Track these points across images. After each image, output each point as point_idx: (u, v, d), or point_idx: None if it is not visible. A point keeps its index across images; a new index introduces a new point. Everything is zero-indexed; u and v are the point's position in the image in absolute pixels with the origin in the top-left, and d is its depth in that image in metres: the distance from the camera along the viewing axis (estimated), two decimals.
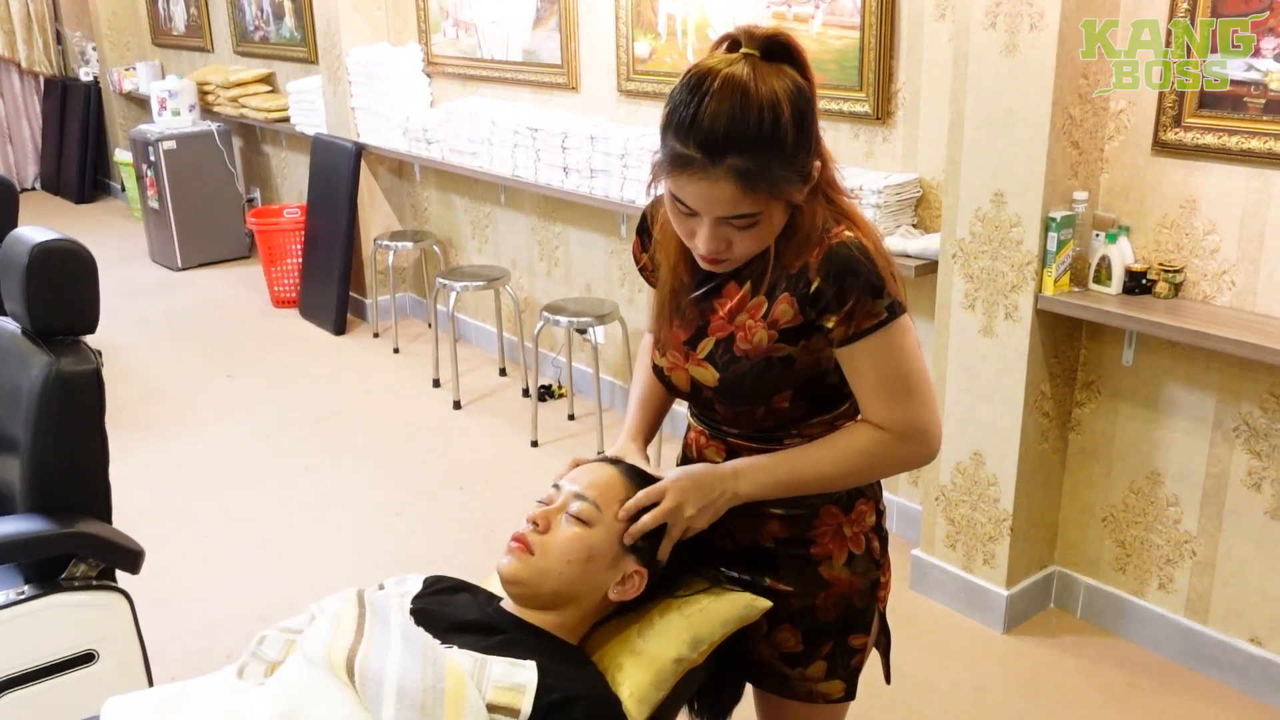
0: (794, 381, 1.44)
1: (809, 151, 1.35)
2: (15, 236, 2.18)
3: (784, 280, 1.41)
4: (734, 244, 1.37)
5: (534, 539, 1.45)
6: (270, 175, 6.91)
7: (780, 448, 1.50)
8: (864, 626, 1.59)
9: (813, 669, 1.57)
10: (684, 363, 1.51)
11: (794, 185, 1.34)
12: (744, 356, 1.44)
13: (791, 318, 1.40)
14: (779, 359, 1.42)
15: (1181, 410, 2.63)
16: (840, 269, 1.36)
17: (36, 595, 2.04)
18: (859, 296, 1.36)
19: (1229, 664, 2.64)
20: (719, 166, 1.29)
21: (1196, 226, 2.51)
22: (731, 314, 1.46)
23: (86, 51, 8.76)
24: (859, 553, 1.55)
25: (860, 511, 1.55)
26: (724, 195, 1.31)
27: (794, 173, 1.33)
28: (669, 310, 1.53)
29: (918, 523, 3.17)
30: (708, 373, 1.48)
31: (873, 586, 1.58)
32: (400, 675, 1.29)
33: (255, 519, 3.62)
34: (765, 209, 1.33)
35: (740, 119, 1.27)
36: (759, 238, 1.37)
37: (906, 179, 3.03)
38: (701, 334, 1.49)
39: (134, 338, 5.50)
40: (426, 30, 5.04)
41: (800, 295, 1.39)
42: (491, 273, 4.51)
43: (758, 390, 1.45)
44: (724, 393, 1.47)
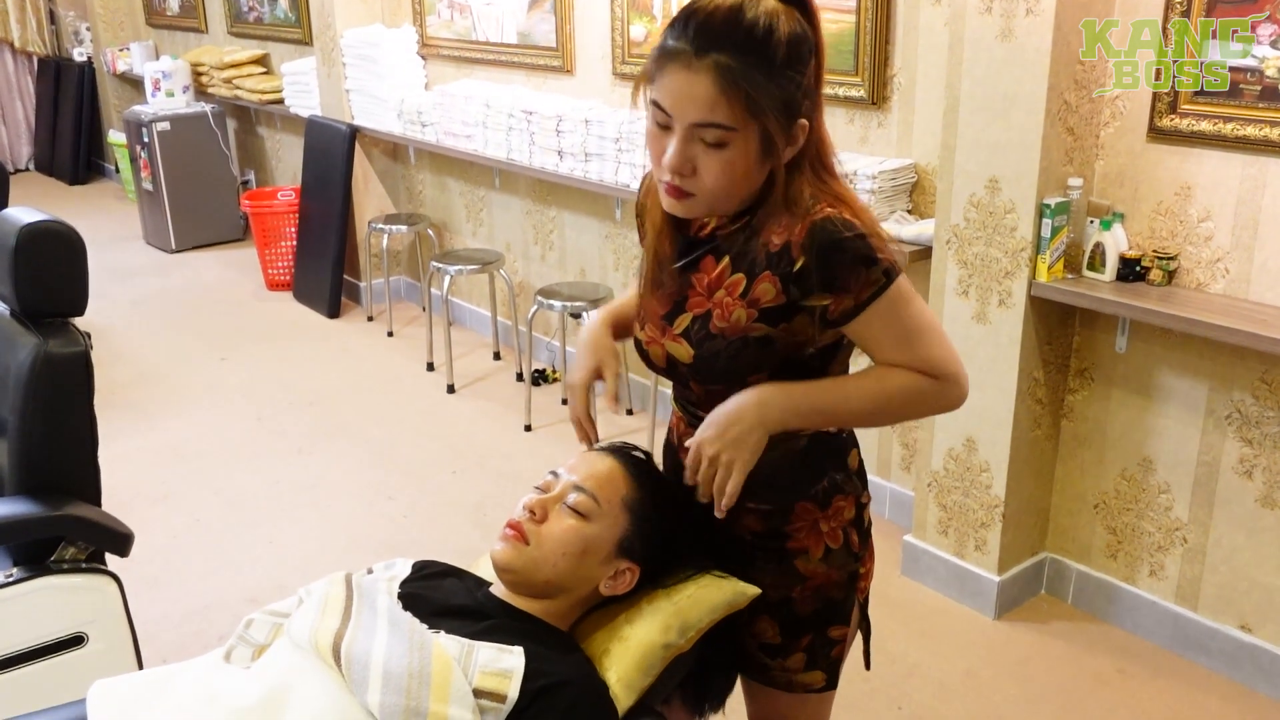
0: (770, 362, 1.41)
1: (798, 90, 1.30)
2: (3, 217, 2.16)
3: (765, 258, 1.36)
4: (699, 169, 1.32)
5: (530, 528, 1.44)
6: (265, 157, 6.88)
7: None
8: (843, 618, 1.58)
9: (792, 660, 1.57)
10: (660, 337, 1.48)
11: (774, 114, 1.28)
12: (719, 335, 1.40)
13: (773, 297, 1.36)
14: (756, 339, 1.39)
15: (1174, 398, 2.63)
16: (825, 246, 1.32)
17: (25, 578, 2.03)
18: (852, 270, 1.33)
19: (1219, 651, 2.65)
20: (703, 59, 1.26)
21: (1191, 214, 2.50)
22: (710, 289, 1.42)
23: (80, 31, 8.70)
24: (836, 547, 1.53)
25: (838, 507, 1.53)
26: (701, 92, 1.27)
27: (777, 98, 1.28)
28: (650, 281, 1.51)
29: (910, 508, 3.18)
30: (683, 349, 1.45)
31: (851, 579, 1.56)
32: (386, 659, 1.29)
33: (246, 502, 3.62)
34: (739, 126, 1.28)
35: (735, 19, 1.26)
36: (725, 165, 1.31)
37: (901, 164, 3.02)
38: (679, 309, 1.46)
39: (127, 320, 5.48)
40: (421, 12, 5.01)
41: (783, 274, 1.35)
42: (486, 256, 4.50)
43: (732, 369, 1.41)
44: (697, 370, 1.44)
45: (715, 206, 1.38)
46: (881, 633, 2.83)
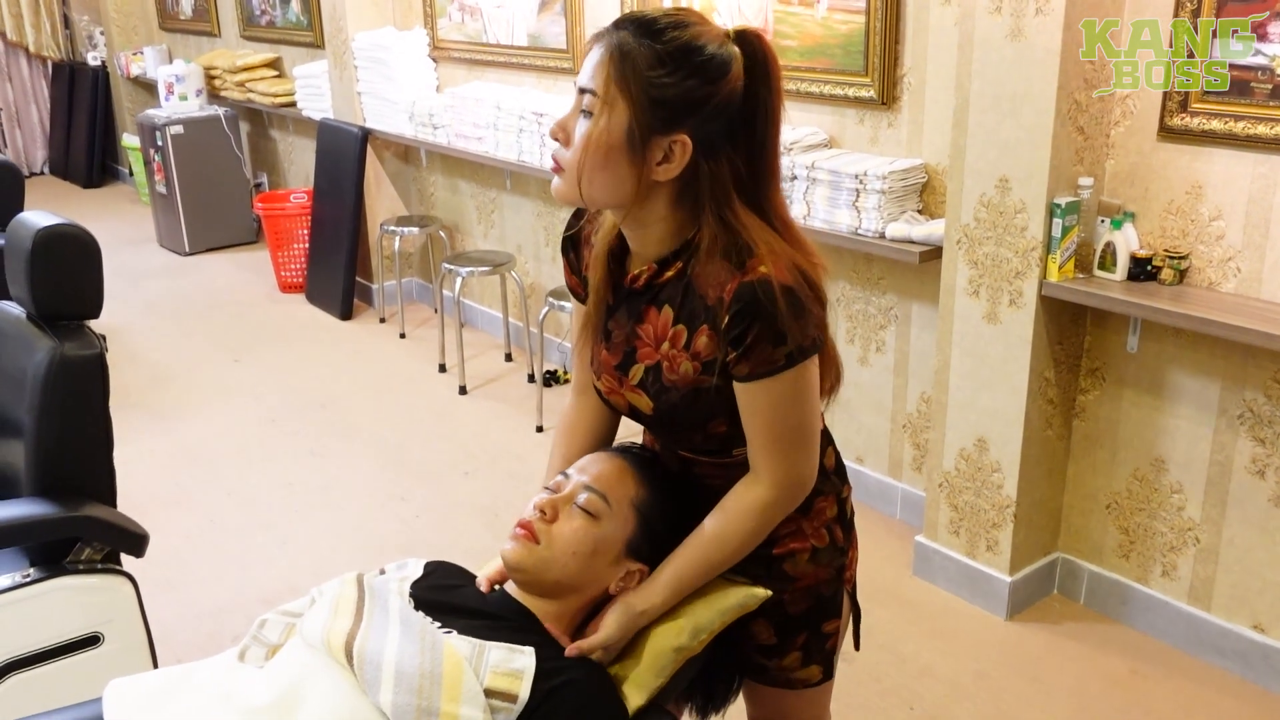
0: (726, 408, 1.42)
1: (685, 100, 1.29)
2: (19, 221, 2.18)
3: (703, 310, 1.38)
4: (571, 136, 1.34)
5: (540, 527, 1.45)
6: (277, 160, 6.91)
7: (730, 459, 1.49)
8: (835, 611, 1.59)
9: (789, 659, 1.58)
10: (619, 389, 1.50)
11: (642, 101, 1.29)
12: (673, 386, 1.43)
13: (710, 350, 1.38)
14: (707, 389, 1.40)
15: (1186, 397, 2.63)
16: (746, 309, 1.32)
17: (42, 578, 2.06)
18: (759, 342, 1.33)
19: (1232, 651, 2.64)
20: (608, 35, 1.32)
21: (1202, 213, 2.50)
22: (657, 340, 1.44)
23: (94, 36, 8.76)
24: (822, 546, 1.55)
25: (819, 508, 1.54)
26: (593, 60, 1.32)
27: (651, 87, 1.28)
28: (596, 331, 1.53)
29: (921, 509, 3.17)
30: (642, 400, 1.47)
31: (838, 573, 1.58)
32: (398, 659, 1.30)
33: (260, 503, 3.64)
34: (606, 98, 1.30)
35: (654, 14, 1.33)
36: (588, 138, 1.31)
37: (911, 164, 3.02)
38: (631, 359, 1.48)
39: (141, 322, 5.51)
40: (432, 15, 5.03)
41: (716, 329, 1.36)
42: (497, 258, 4.51)
43: (691, 418, 1.44)
44: (660, 421, 1.48)
45: (583, 191, 1.35)
46: (893, 633, 2.83)
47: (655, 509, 1.50)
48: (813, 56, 3.26)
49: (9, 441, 2.20)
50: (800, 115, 3.37)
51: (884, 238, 2.99)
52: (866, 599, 1.69)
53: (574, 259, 1.60)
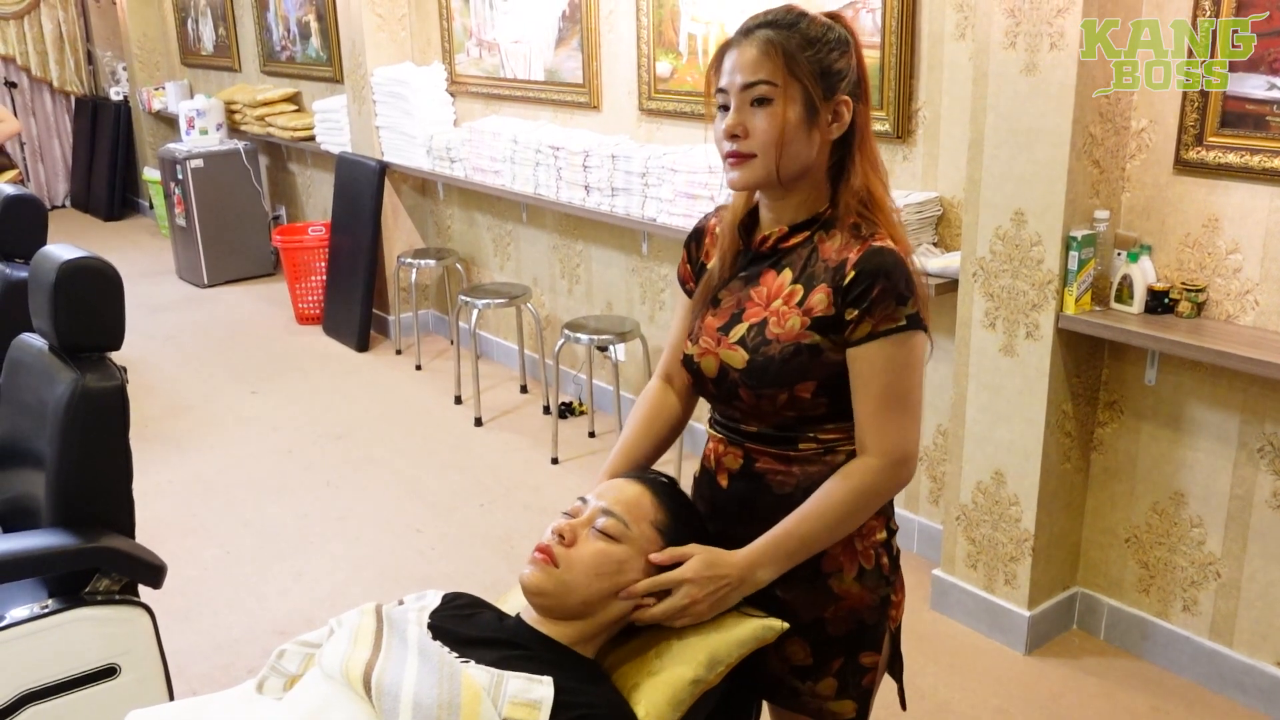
0: (820, 372, 1.47)
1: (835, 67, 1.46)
2: (43, 254, 2.21)
3: (823, 272, 1.47)
4: (751, 129, 1.46)
5: (559, 551, 1.45)
6: (296, 193, 6.98)
7: (796, 452, 1.52)
8: (874, 644, 1.58)
9: (823, 685, 1.57)
10: (715, 347, 1.55)
11: (810, 77, 1.44)
12: (775, 340, 1.48)
13: (825, 308, 1.46)
14: (808, 346, 1.47)
15: (1205, 430, 2.61)
16: (875, 268, 1.43)
17: (60, 609, 2.06)
18: (884, 298, 1.43)
19: (1254, 687, 2.61)
20: (750, 37, 1.47)
21: (1219, 246, 2.50)
22: (768, 300, 1.52)
23: (117, 71, 8.89)
24: (869, 568, 1.55)
25: (870, 527, 1.55)
26: (748, 59, 1.45)
27: (813, 63, 1.45)
28: (704, 303, 1.60)
29: (938, 542, 3.15)
30: (737, 355, 1.51)
31: (883, 603, 1.57)
32: (416, 690, 1.30)
33: (276, 534, 3.64)
34: (780, 82, 1.44)
35: (777, 12, 1.49)
36: (773, 119, 1.44)
37: (927, 197, 3.03)
38: (736, 320, 1.54)
39: (160, 353, 5.55)
40: (450, 50, 5.09)
41: (836, 287, 1.45)
42: (513, 290, 4.53)
43: (783, 374, 1.48)
44: (750, 374, 1.50)
45: (779, 168, 1.47)
46: (911, 668, 2.80)
47: (675, 530, 1.50)
48: None
49: (30, 472, 2.21)
50: None
51: None
52: None
53: (694, 249, 1.70)
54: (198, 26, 7.72)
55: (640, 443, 1.70)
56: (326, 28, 5.95)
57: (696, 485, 1.68)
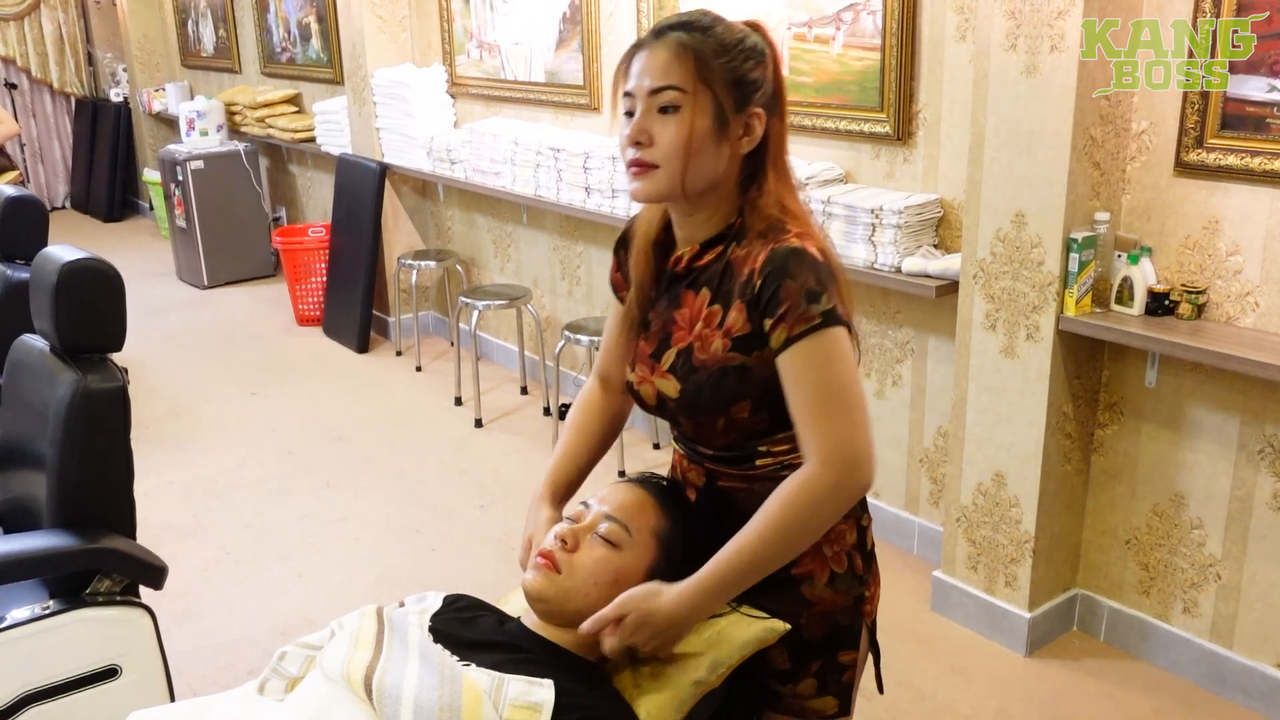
0: (751, 391, 1.43)
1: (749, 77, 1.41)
2: (44, 255, 2.21)
3: (737, 287, 1.42)
4: (656, 137, 1.40)
5: (561, 557, 1.45)
6: (296, 194, 6.98)
7: (755, 470, 1.49)
8: (852, 642, 1.58)
9: (803, 686, 1.57)
10: (650, 376, 1.52)
11: (722, 85, 1.39)
12: (702, 366, 1.45)
13: (742, 325, 1.41)
14: (734, 368, 1.42)
15: (1205, 432, 2.61)
16: (778, 270, 1.37)
17: (61, 610, 2.06)
18: (794, 299, 1.36)
19: (1255, 689, 2.61)
20: (661, 40, 1.41)
21: (1219, 248, 2.50)
22: (691, 322, 1.48)
23: (117, 73, 8.89)
24: (840, 571, 1.54)
25: (838, 531, 1.52)
26: (658, 62, 1.39)
27: (725, 70, 1.39)
28: (635, 323, 1.56)
29: (939, 544, 3.16)
30: (670, 384, 1.49)
31: (857, 603, 1.56)
32: (417, 692, 1.30)
33: (277, 535, 3.64)
34: (690, 89, 1.38)
35: (690, 15, 1.44)
36: (679, 127, 1.38)
37: (927, 199, 3.03)
38: (665, 345, 1.51)
39: (160, 354, 5.55)
40: (451, 52, 5.09)
41: (748, 301, 1.40)
42: (513, 292, 4.53)
43: (716, 400, 1.44)
44: (685, 404, 1.48)
45: (683, 180, 1.41)
46: (911, 670, 2.81)
47: (676, 538, 1.50)
48: (828, 93, 3.29)
49: (31, 473, 2.21)
50: (816, 150, 3.39)
51: (900, 272, 3.00)
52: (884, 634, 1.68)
53: (622, 256, 1.65)
54: (198, 28, 7.72)
55: (580, 445, 1.69)
56: (327, 29, 5.96)
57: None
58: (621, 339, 1.62)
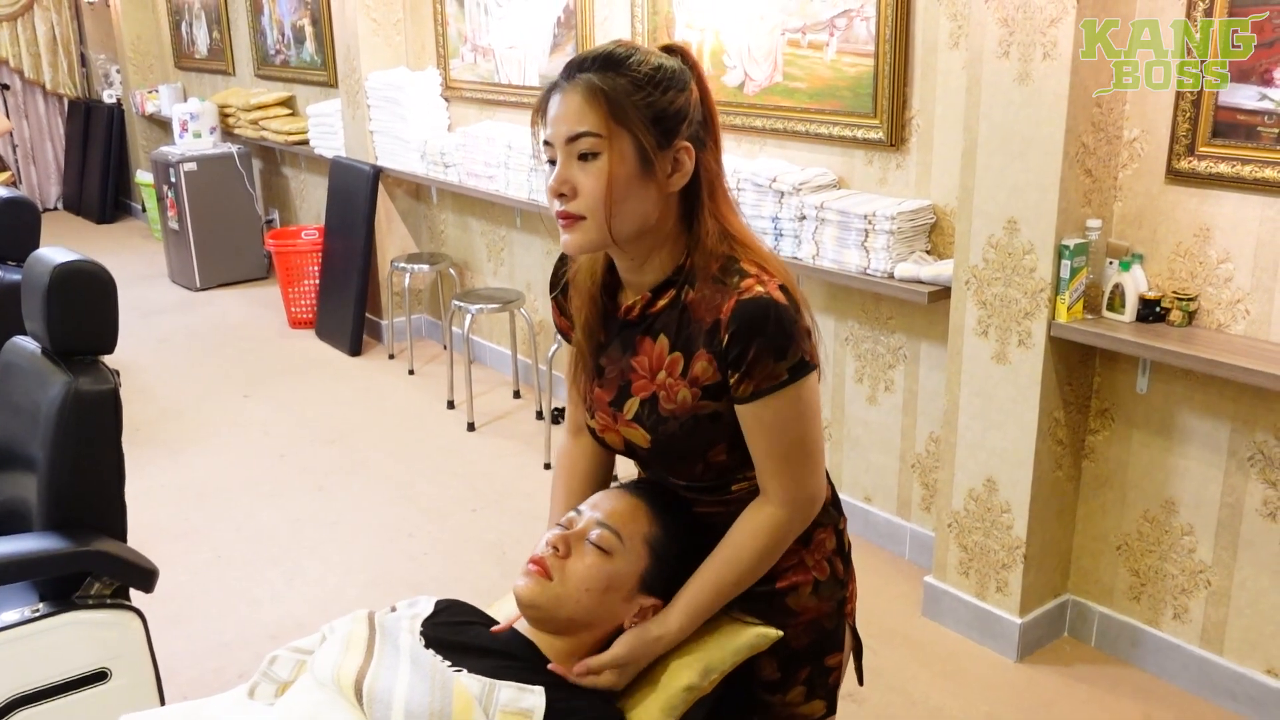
0: (726, 435, 1.43)
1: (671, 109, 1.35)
2: (36, 257, 2.21)
3: (700, 334, 1.39)
4: (579, 187, 1.34)
5: (553, 563, 1.45)
6: (289, 197, 6.97)
7: (731, 494, 1.50)
8: (837, 645, 1.59)
9: (792, 694, 1.58)
10: (614, 424, 1.50)
11: (642, 123, 1.33)
12: (671, 416, 1.43)
13: (711, 375, 1.39)
14: (706, 415, 1.41)
15: (1196, 439, 2.62)
16: (747, 326, 1.34)
17: (51, 613, 2.05)
18: (762, 358, 1.35)
19: (1245, 695, 2.62)
20: (574, 81, 1.34)
21: (1210, 255, 2.51)
22: (652, 371, 1.44)
23: (110, 74, 8.88)
24: (824, 578, 1.55)
25: (819, 540, 1.54)
26: (572, 108, 1.33)
27: (644, 108, 1.33)
28: (588, 368, 1.53)
29: (930, 549, 3.16)
30: (639, 434, 1.47)
31: (839, 606, 1.58)
32: (408, 698, 1.29)
33: (268, 538, 3.64)
34: (607, 133, 1.32)
35: (603, 51, 1.37)
36: (600, 174, 1.33)
37: (920, 205, 3.04)
38: (625, 394, 1.48)
39: (152, 357, 5.54)
40: (445, 55, 5.09)
41: (716, 352, 1.38)
42: (507, 295, 4.53)
43: (691, 448, 1.44)
44: (658, 455, 1.47)
45: (612, 228, 1.36)
46: (902, 675, 2.81)
47: (668, 544, 1.50)
48: (822, 98, 3.30)
49: (22, 475, 2.21)
50: (809, 156, 3.40)
51: (893, 278, 3.00)
52: (875, 639, 1.69)
53: (563, 301, 1.60)
54: (192, 30, 7.72)
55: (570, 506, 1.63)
56: (321, 32, 5.96)
57: None
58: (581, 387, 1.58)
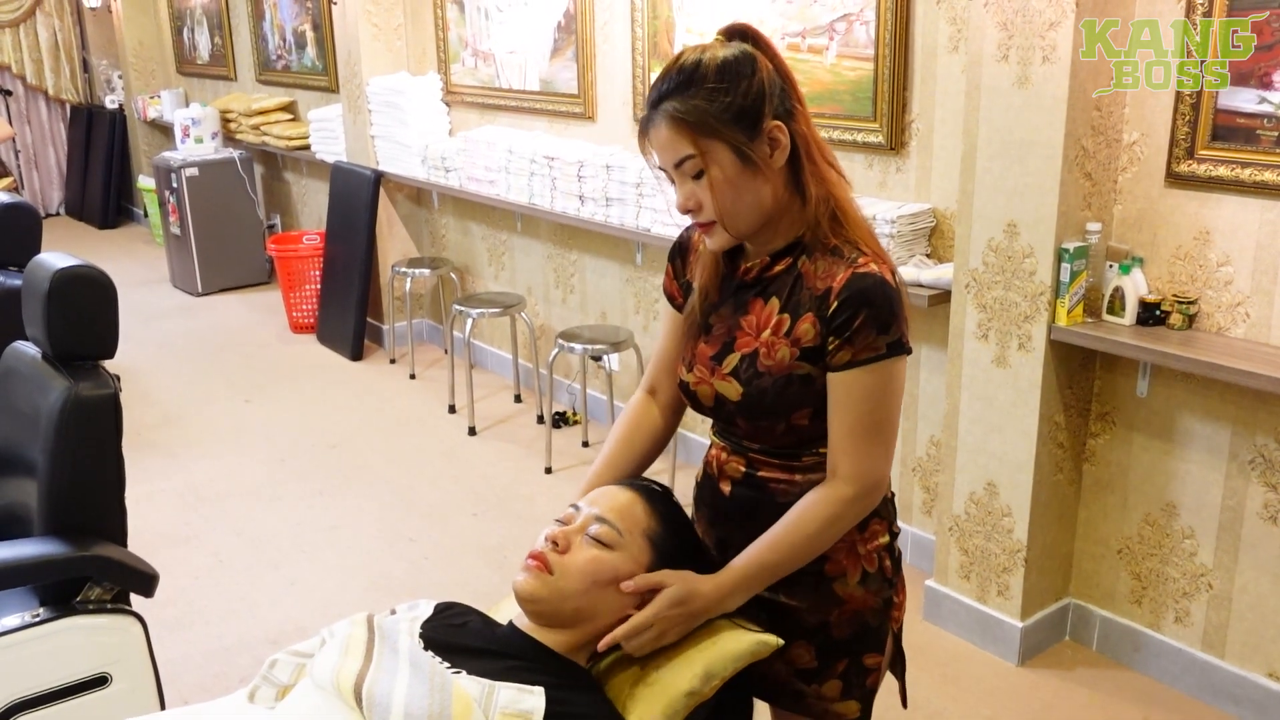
0: (814, 400, 1.47)
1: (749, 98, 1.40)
2: (37, 262, 2.21)
3: (809, 300, 1.46)
4: (701, 201, 1.45)
5: (553, 558, 1.45)
6: (290, 202, 6.98)
7: (799, 463, 1.52)
8: (878, 645, 1.59)
9: (828, 687, 1.58)
10: (710, 377, 1.54)
11: (728, 126, 1.40)
12: (766, 372, 1.48)
13: (812, 338, 1.45)
14: (800, 376, 1.46)
15: (1196, 442, 2.62)
16: (858, 296, 1.41)
17: (51, 618, 2.06)
18: (866, 328, 1.41)
19: (1246, 699, 2.62)
20: (656, 114, 1.43)
21: (1210, 258, 2.51)
22: (758, 330, 1.50)
23: (112, 80, 8.89)
24: (872, 570, 1.56)
25: (873, 530, 1.56)
26: (664, 139, 1.43)
27: (724, 110, 1.39)
28: (697, 327, 1.59)
29: (931, 553, 3.16)
30: (732, 387, 1.51)
31: (886, 605, 1.59)
32: (407, 701, 1.29)
33: (269, 543, 3.64)
34: (702, 151, 1.40)
35: (669, 70, 1.44)
36: (714, 188, 1.42)
37: (920, 209, 3.04)
38: (728, 349, 1.53)
39: (153, 361, 5.54)
40: (446, 60, 5.10)
41: (822, 316, 1.44)
42: (507, 300, 4.54)
43: (778, 406, 1.48)
44: (746, 407, 1.50)
45: (740, 228, 1.47)
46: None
47: (668, 538, 1.50)
48: (822, 102, 3.30)
49: (22, 480, 2.21)
50: None
51: None
52: None
53: (679, 264, 1.68)
54: (193, 35, 7.73)
55: (622, 458, 1.69)
56: (322, 37, 5.97)
57: (699, 490, 1.69)
58: (675, 349, 1.65)
